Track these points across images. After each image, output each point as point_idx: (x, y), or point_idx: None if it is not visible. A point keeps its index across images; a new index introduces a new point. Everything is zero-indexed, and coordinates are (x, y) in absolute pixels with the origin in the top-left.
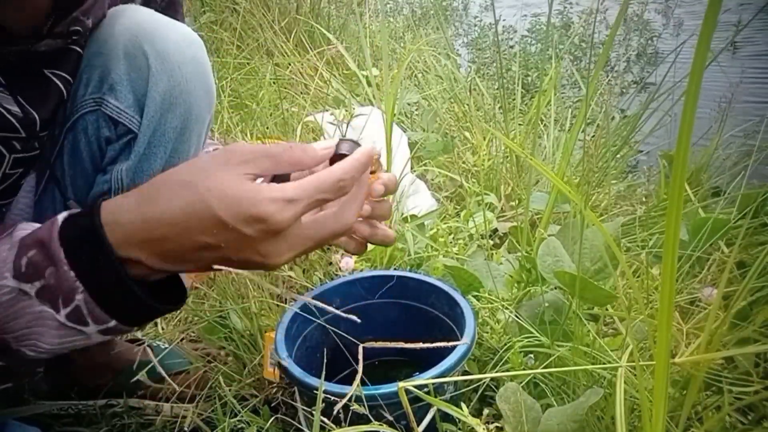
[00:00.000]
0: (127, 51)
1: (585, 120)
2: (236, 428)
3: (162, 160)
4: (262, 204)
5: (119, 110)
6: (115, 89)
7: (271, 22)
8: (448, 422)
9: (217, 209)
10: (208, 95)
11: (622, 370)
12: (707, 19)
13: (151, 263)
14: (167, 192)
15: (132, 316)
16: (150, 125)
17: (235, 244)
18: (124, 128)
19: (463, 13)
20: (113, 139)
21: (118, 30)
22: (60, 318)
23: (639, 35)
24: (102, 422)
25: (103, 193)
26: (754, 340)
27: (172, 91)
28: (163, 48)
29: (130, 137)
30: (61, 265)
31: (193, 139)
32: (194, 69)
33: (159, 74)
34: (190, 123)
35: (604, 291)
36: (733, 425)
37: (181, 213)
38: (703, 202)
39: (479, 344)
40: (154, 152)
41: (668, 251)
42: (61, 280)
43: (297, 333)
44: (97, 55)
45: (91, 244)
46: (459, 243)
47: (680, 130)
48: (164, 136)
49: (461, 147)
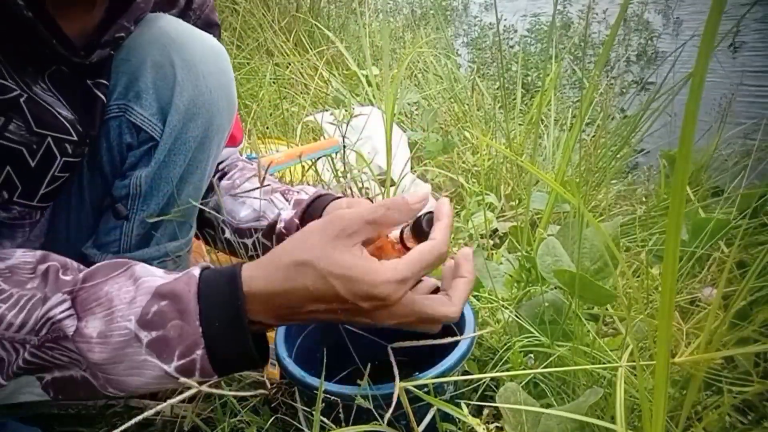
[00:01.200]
0: (155, 60)
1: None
2: (236, 428)
3: (181, 168)
4: (380, 286)
5: (143, 118)
6: (140, 97)
7: (271, 22)
8: (448, 422)
9: (339, 289)
10: (230, 106)
11: (622, 370)
12: (710, 19)
13: (269, 323)
14: (290, 272)
15: (234, 372)
16: (172, 134)
17: (351, 313)
18: (146, 135)
19: (463, 13)
20: (134, 146)
21: (147, 38)
22: (167, 369)
23: (639, 35)
24: (102, 422)
25: (120, 197)
26: (754, 339)
27: (195, 101)
28: (190, 59)
29: (151, 144)
30: (191, 321)
31: (213, 149)
32: (219, 80)
33: (184, 84)
34: (210, 133)
35: (605, 290)
36: (733, 425)
37: (305, 292)
38: (703, 201)
39: (479, 344)
40: (173, 160)
41: (669, 251)
42: (186, 335)
43: (297, 332)
44: (125, 62)
45: (228, 309)
46: (459, 243)
47: (682, 130)
48: (185, 145)
49: (461, 147)
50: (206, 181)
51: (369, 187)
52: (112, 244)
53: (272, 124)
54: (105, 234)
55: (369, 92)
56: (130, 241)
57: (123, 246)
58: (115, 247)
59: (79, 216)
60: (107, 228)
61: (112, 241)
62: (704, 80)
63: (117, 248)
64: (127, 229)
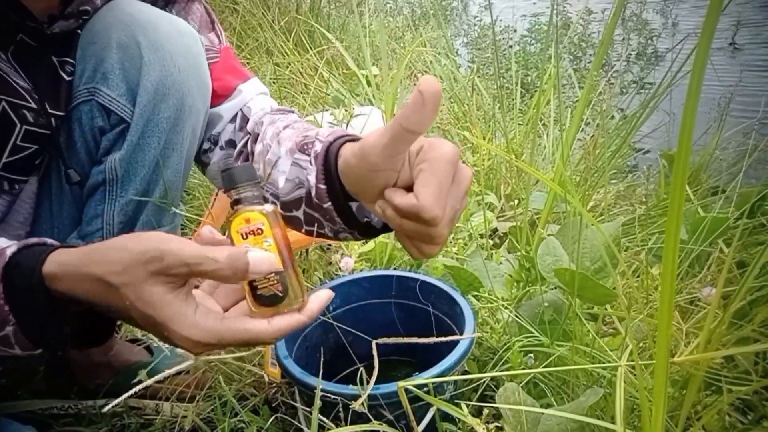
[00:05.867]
0: (120, 41)
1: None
2: (236, 428)
3: (155, 150)
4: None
5: (111, 99)
6: (107, 78)
7: (271, 22)
8: (448, 422)
9: (140, 321)
10: (202, 88)
11: (621, 370)
12: (708, 18)
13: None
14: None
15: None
16: (143, 115)
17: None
18: (117, 117)
19: (463, 13)
20: (107, 129)
21: (112, 20)
22: None
23: (638, 35)
24: (102, 422)
25: (98, 183)
26: (754, 339)
27: (164, 81)
28: (156, 38)
29: (123, 127)
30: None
31: (187, 131)
32: (187, 61)
33: (152, 64)
34: (183, 114)
35: (604, 289)
36: (733, 425)
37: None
38: (702, 201)
39: (479, 344)
40: (147, 142)
41: (668, 251)
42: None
43: (297, 333)
44: (91, 45)
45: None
46: (459, 243)
47: (681, 130)
48: (157, 127)
49: (461, 147)
50: (186, 164)
51: None
52: (95, 233)
53: None
54: (87, 224)
55: (369, 92)
56: (112, 230)
57: (106, 234)
58: (98, 235)
59: (61, 206)
60: (88, 217)
61: (95, 230)
62: (702, 79)
63: (101, 237)
64: (108, 217)
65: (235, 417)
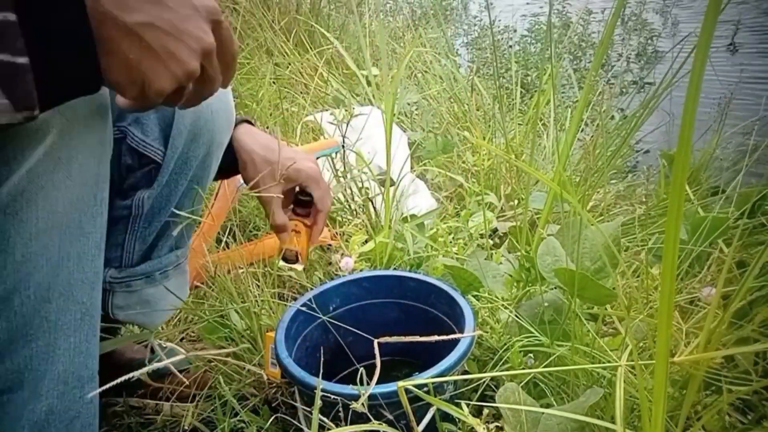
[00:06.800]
0: None
1: (581, 119)
2: (236, 428)
3: (183, 186)
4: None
5: (145, 144)
6: (141, 122)
7: (271, 22)
8: (448, 422)
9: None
10: (229, 122)
11: (621, 370)
12: (707, 18)
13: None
14: None
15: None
16: (174, 155)
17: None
18: (148, 159)
19: (463, 13)
20: (135, 167)
21: None
22: None
23: (638, 35)
24: (102, 422)
25: (121, 217)
26: (754, 339)
27: (197, 123)
28: None
29: (152, 167)
30: None
31: (213, 164)
32: (219, 102)
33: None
34: (212, 150)
35: (604, 289)
36: (733, 425)
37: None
38: (702, 201)
39: (479, 344)
40: (176, 180)
41: (668, 251)
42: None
43: (297, 333)
44: None
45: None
46: (459, 243)
47: (681, 130)
48: (187, 165)
49: (461, 147)
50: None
51: (369, 187)
52: (113, 260)
53: (272, 124)
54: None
55: (369, 92)
56: (132, 258)
57: (125, 262)
58: (116, 262)
59: None
60: (108, 244)
61: (114, 257)
62: (702, 80)
63: (119, 264)
64: (129, 246)
65: (235, 417)
